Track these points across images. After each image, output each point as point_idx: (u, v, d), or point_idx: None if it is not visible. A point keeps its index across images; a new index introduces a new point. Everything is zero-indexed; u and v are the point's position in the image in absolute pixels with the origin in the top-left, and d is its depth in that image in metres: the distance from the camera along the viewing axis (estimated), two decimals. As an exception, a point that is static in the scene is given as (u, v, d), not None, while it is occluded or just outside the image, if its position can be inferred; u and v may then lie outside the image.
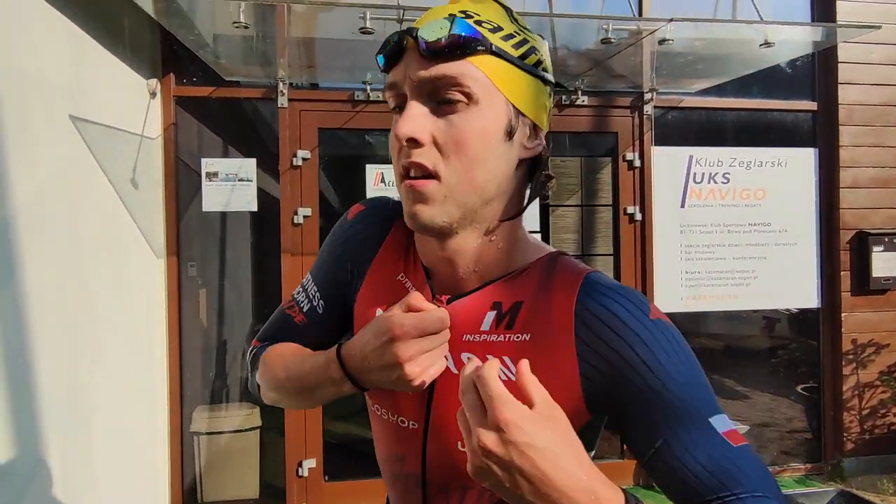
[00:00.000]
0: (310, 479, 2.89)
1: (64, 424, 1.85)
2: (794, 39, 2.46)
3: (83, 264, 2.04)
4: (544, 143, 0.67)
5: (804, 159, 3.29)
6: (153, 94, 2.71)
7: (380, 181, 2.97)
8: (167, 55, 2.81)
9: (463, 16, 0.61)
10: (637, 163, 3.14)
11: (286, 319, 0.83)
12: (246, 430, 2.87)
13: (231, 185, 2.83)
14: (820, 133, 3.31)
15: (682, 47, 2.43)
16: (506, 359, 0.64)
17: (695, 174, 3.17)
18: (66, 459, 1.85)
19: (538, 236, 3.09)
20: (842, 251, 3.23)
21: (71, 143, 1.99)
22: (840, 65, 3.20)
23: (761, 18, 2.24)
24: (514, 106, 0.63)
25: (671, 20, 1.96)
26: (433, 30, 0.60)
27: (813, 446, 3.39)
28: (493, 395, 0.51)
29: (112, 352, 2.26)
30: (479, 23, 0.62)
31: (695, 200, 3.18)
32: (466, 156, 0.61)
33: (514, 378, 0.56)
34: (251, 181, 2.84)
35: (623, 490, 0.53)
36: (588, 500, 0.50)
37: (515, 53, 0.63)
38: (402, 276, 0.73)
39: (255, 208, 2.86)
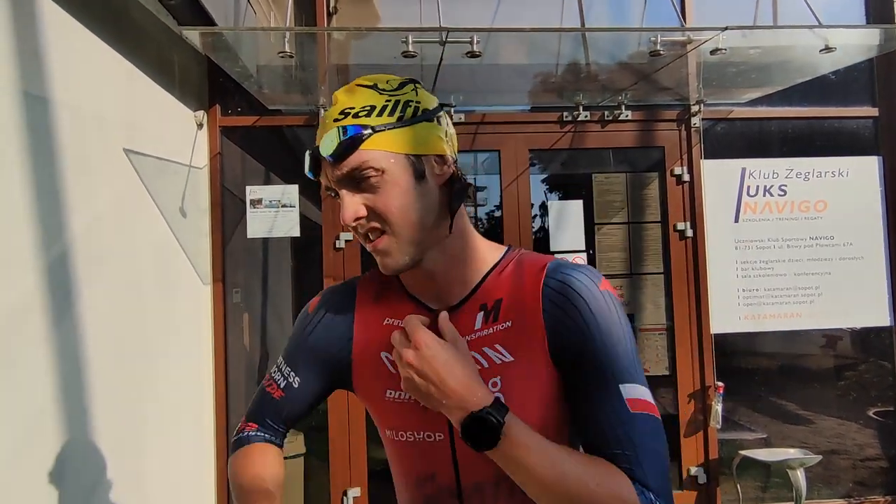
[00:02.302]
0: (355, 509, 2.83)
1: (117, 447, 1.86)
2: (853, 43, 2.32)
3: (136, 292, 2.07)
4: (451, 162, 0.81)
5: (867, 168, 3.09)
6: (200, 126, 2.78)
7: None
8: (213, 87, 2.88)
9: (343, 117, 0.76)
10: (686, 177, 3.02)
11: (265, 395, 0.95)
12: (290, 457, 2.84)
13: (274, 212, 2.85)
14: (884, 140, 3.11)
15: (734, 56, 2.32)
16: (497, 346, 0.79)
17: (748, 187, 3.02)
18: (119, 481, 1.86)
19: (583, 256, 3.01)
20: (914, 265, 3.01)
21: (124, 175, 2.04)
22: (902, 68, 3.03)
23: (819, 23, 2.12)
24: (411, 155, 0.77)
25: (726, 28, 1.87)
26: (327, 144, 0.75)
27: (892, 476, 3.11)
28: (412, 329, 0.76)
29: (162, 377, 2.28)
30: (356, 115, 0.76)
31: (749, 214, 3.02)
32: (398, 211, 0.76)
33: (505, 360, 0.78)
34: (294, 207, 2.86)
35: (496, 396, 0.73)
36: (469, 394, 0.71)
37: (393, 119, 0.77)
38: (387, 321, 0.86)
39: (297, 234, 2.87)
